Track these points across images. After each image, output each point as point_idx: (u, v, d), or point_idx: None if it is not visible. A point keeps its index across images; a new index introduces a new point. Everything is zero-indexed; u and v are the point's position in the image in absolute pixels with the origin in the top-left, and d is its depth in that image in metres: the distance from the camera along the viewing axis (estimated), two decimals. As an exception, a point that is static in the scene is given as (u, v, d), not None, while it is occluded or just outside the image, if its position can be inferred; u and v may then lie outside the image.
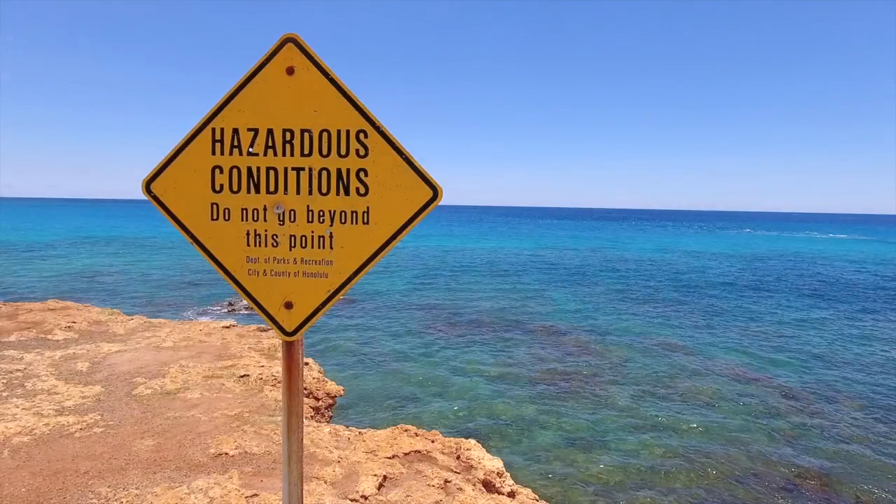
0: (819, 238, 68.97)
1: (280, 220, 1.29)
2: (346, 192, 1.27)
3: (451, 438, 4.59)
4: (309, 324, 1.27)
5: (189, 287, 20.48)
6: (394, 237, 1.26)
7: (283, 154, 1.28)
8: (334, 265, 1.30)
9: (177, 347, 6.71)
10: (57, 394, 4.96)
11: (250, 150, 1.26)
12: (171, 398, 4.98)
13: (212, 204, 1.30)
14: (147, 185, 1.27)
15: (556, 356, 12.85)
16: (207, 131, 1.27)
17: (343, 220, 1.29)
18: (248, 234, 1.31)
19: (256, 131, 1.27)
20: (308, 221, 1.29)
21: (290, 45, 1.25)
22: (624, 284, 24.10)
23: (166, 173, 1.27)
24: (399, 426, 4.65)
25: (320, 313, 1.28)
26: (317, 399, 5.69)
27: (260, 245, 1.31)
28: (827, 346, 14.04)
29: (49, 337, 6.95)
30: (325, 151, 1.27)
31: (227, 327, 7.60)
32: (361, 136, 1.26)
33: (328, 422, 6.04)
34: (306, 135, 1.27)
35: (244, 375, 5.52)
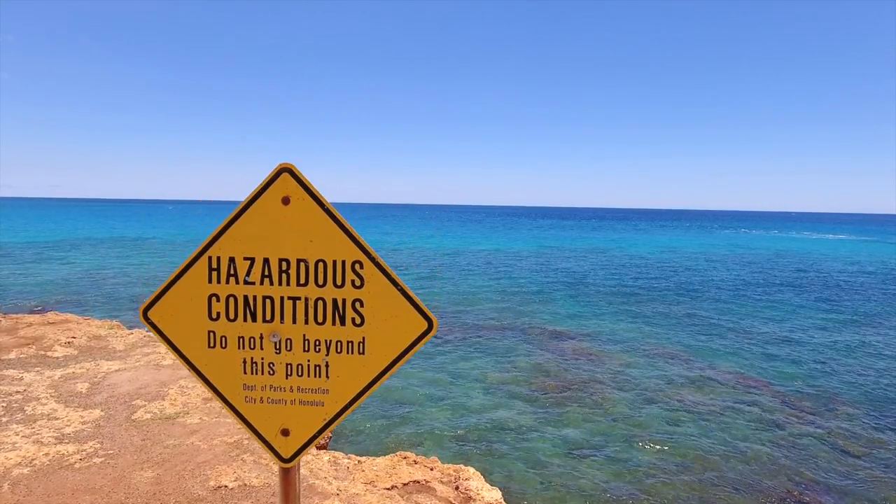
0: (820, 238, 68.95)
1: (276, 349, 1.28)
2: (342, 322, 1.27)
3: (450, 466, 4.60)
4: (306, 450, 1.28)
5: (189, 291, 20.47)
6: (389, 367, 1.27)
7: (280, 283, 1.28)
8: (330, 394, 1.29)
9: (176, 365, 6.72)
10: (57, 419, 4.97)
11: (247, 278, 1.26)
12: (171, 423, 4.99)
13: (209, 331, 1.30)
14: (144, 312, 1.28)
15: (556, 362, 12.86)
16: (204, 260, 1.27)
17: (339, 350, 1.29)
18: (244, 361, 1.30)
19: (253, 260, 1.28)
20: (304, 350, 1.29)
21: (286, 174, 1.26)
22: (624, 286, 24.12)
23: (163, 301, 1.28)
24: (398, 454, 4.67)
25: (317, 440, 1.28)
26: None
27: (257, 373, 1.30)
28: (829, 350, 14.05)
29: (49, 354, 6.97)
30: (320, 281, 1.27)
31: (227, 343, 7.60)
32: (357, 266, 1.25)
33: (326, 441, 6.05)
34: (302, 264, 1.27)
35: (243, 398, 5.52)
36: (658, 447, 8.36)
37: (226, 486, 3.88)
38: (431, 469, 4.47)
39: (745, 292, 23.19)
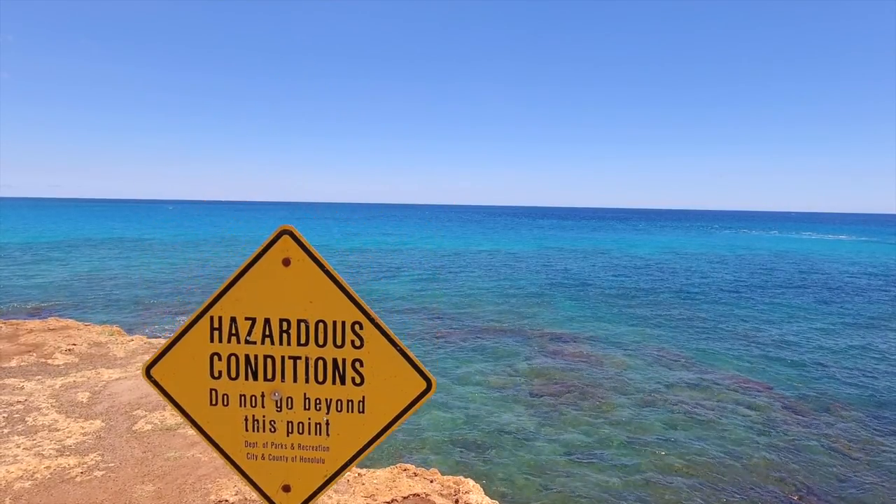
0: (820, 238, 68.94)
1: (278, 407, 1.31)
2: (342, 382, 1.29)
3: (451, 478, 4.62)
4: (307, 506, 1.30)
5: (188, 293, 20.51)
6: (389, 426, 1.29)
7: (280, 343, 1.30)
8: (331, 451, 1.31)
9: (177, 373, 6.74)
10: (58, 430, 4.99)
11: (248, 338, 1.28)
12: (172, 434, 5.01)
13: (210, 390, 1.32)
14: (147, 371, 1.30)
15: (557, 366, 12.87)
16: (206, 319, 1.29)
17: (339, 409, 1.31)
18: (246, 419, 1.32)
19: (254, 320, 1.29)
20: (305, 409, 1.31)
21: (286, 237, 1.27)
22: (624, 288, 24.14)
23: (166, 359, 1.30)
24: (398, 465, 4.68)
25: (318, 496, 1.30)
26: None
27: (258, 430, 1.32)
28: (830, 353, 14.06)
29: (49, 362, 6.99)
30: (321, 341, 1.29)
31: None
32: (357, 327, 1.27)
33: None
34: (303, 324, 1.29)
35: (244, 409, 5.54)
36: (660, 452, 8.37)
37: (226, 501, 3.90)
38: (431, 481, 4.48)
39: (745, 294, 23.21)
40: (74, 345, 7.64)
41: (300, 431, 1.33)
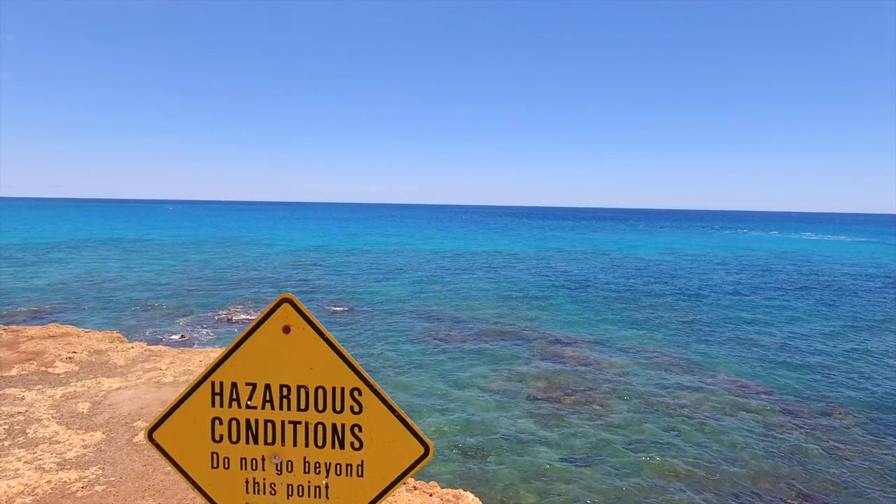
0: (819, 239, 68.96)
1: (278, 471, 1.33)
2: (342, 446, 1.32)
3: (450, 491, 4.65)
4: (307, 568, 1.32)
5: (186, 294, 20.55)
6: (387, 490, 1.31)
7: (281, 408, 1.33)
8: None
9: (177, 383, 6.76)
10: (58, 442, 5.01)
11: (248, 403, 1.31)
12: (172, 447, 5.04)
13: (212, 453, 1.35)
14: (149, 434, 1.32)
15: (557, 370, 12.90)
16: (207, 384, 1.31)
17: (338, 472, 1.34)
18: (247, 482, 1.35)
19: (254, 386, 1.32)
20: (305, 472, 1.34)
21: (286, 305, 1.30)
22: (624, 290, 24.16)
23: (168, 423, 1.32)
24: (397, 479, 4.72)
25: None
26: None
27: (259, 493, 1.35)
28: (829, 356, 14.09)
29: (50, 370, 7.01)
30: (320, 407, 1.32)
31: (227, 359, 7.62)
32: (356, 393, 1.30)
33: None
34: (302, 390, 1.32)
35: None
36: (660, 457, 8.40)
37: (226, 517, 3.92)
38: (431, 495, 4.51)
39: (745, 296, 23.25)
40: (75, 352, 7.65)
41: (300, 494, 1.35)
